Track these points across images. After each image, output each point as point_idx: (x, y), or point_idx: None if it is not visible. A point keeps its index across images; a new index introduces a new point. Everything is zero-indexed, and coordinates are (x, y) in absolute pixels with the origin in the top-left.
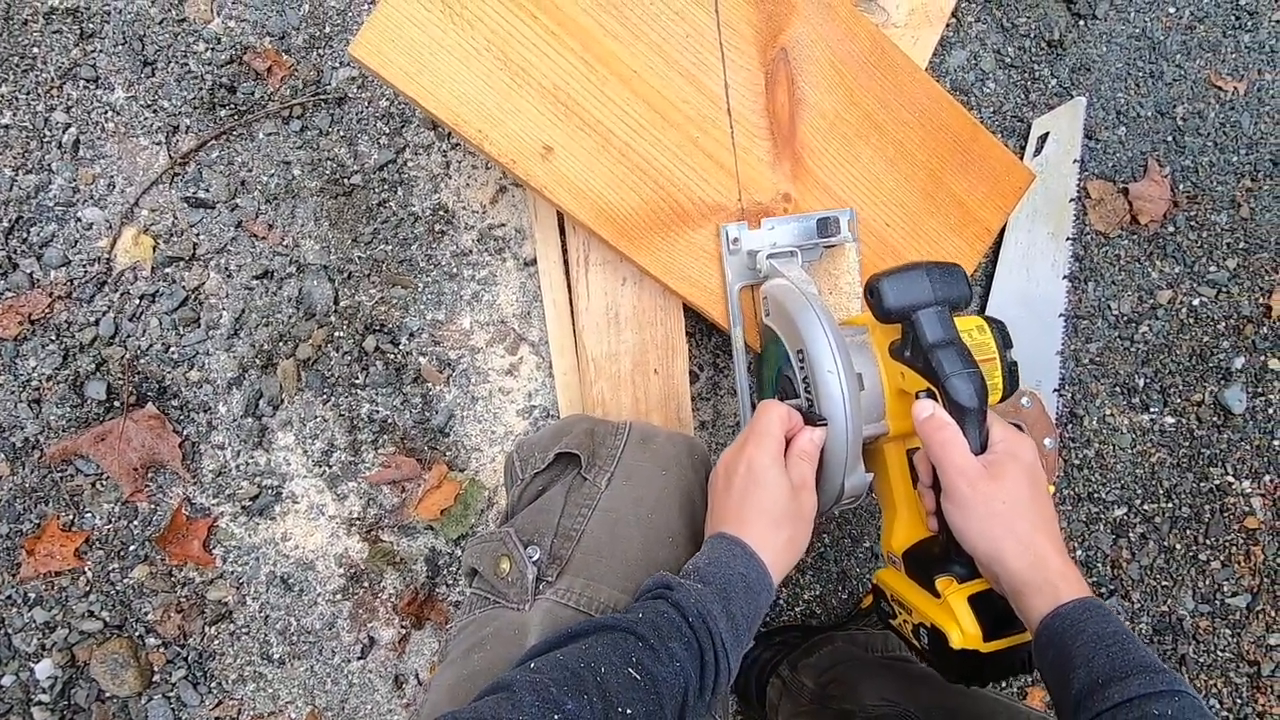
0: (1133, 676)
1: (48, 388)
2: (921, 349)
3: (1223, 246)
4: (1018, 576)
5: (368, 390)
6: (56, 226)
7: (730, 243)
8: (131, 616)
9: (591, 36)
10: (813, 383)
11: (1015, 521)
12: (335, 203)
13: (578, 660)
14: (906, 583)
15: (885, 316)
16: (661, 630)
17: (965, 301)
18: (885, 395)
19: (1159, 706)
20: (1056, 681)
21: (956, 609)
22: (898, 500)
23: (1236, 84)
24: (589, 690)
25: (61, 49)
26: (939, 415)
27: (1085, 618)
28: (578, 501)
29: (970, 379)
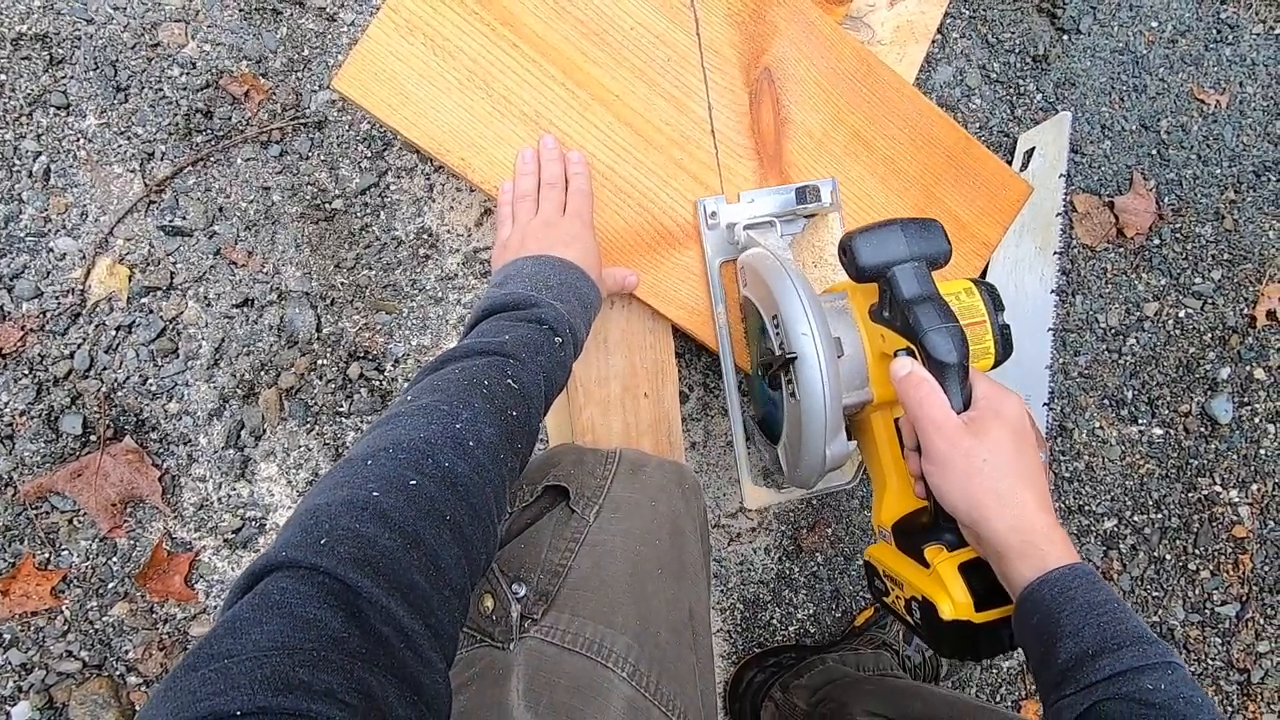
0: (1125, 648)
1: (21, 423)
2: (898, 306)
3: (1207, 258)
4: (1000, 539)
5: (352, 418)
6: (28, 258)
7: (708, 217)
8: (112, 655)
9: (572, 63)
10: (789, 348)
11: (998, 480)
12: (316, 228)
13: (468, 376)
14: (897, 556)
15: (860, 275)
16: (531, 347)
17: (944, 257)
18: (868, 361)
19: (1152, 679)
20: (1040, 652)
21: (946, 578)
22: (886, 471)
23: (1219, 97)
24: (482, 397)
25: (30, 75)
26: (917, 372)
27: (1075, 585)
28: (565, 536)
29: (949, 333)
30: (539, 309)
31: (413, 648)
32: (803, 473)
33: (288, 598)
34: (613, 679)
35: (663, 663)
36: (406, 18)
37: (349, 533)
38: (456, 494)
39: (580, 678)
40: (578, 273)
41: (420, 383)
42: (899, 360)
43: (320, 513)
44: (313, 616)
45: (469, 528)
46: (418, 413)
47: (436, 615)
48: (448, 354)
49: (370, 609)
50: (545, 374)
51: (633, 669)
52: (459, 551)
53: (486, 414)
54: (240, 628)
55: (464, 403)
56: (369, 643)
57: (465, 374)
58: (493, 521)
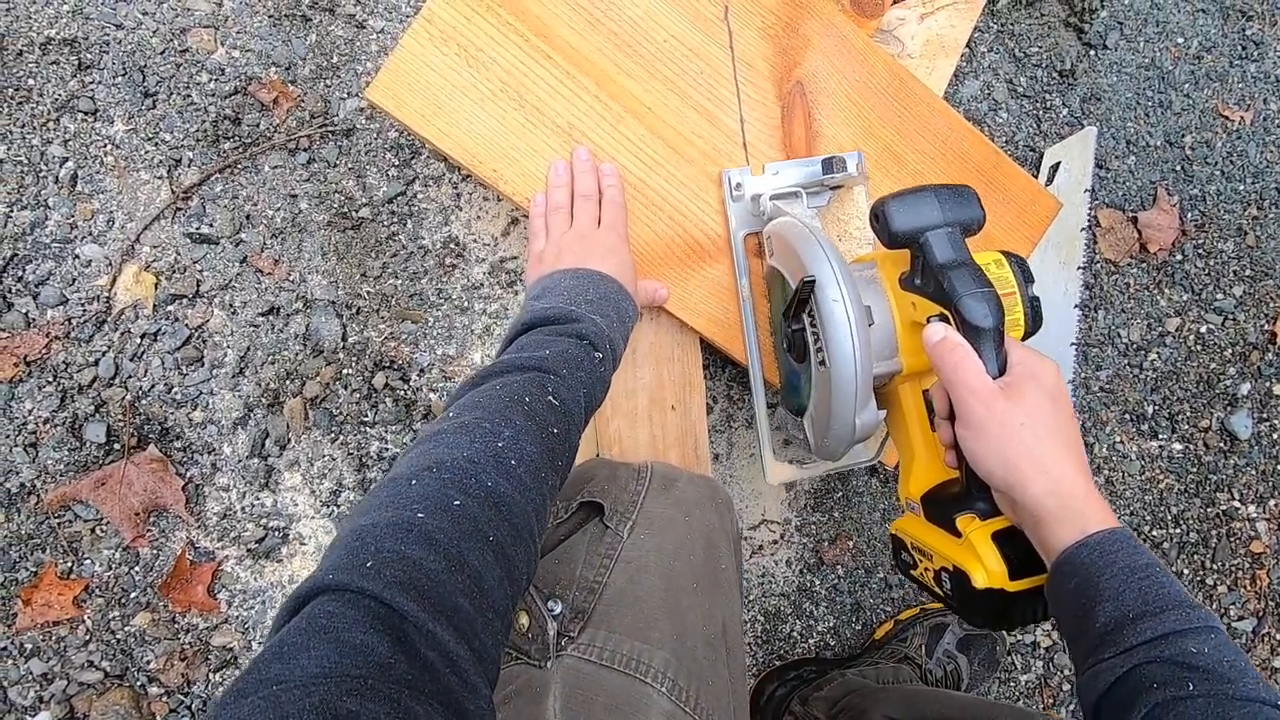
0: (1167, 611)
1: (45, 431)
2: (932, 271)
3: (1229, 274)
4: (1038, 503)
5: (377, 428)
6: (53, 264)
7: (733, 188)
8: (133, 666)
9: (606, 75)
10: (818, 316)
11: (1036, 443)
12: (343, 236)
13: (510, 393)
14: (926, 527)
15: (892, 240)
16: (572, 363)
17: (977, 224)
18: (897, 330)
19: (1195, 643)
20: (1076, 616)
21: (979, 546)
22: (914, 443)
23: (1243, 114)
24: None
25: (58, 80)
26: (951, 337)
27: (1115, 549)
28: (600, 552)
29: (985, 298)
30: (579, 324)
31: (458, 673)
32: (831, 443)
33: (334, 622)
34: (652, 694)
35: (700, 677)
36: (441, 28)
37: (395, 555)
38: (500, 514)
39: (618, 694)
40: (615, 286)
41: (461, 398)
42: (933, 326)
43: (366, 535)
44: (359, 642)
45: (511, 548)
46: (460, 430)
47: (480, 638)
48: (488, 369)
49: (416, 634)
50: (586, 390)
51: (672, 684)
52: (502, 573)
53: (528, 431)
54: (288, 652)
55: (506, 420)
56: (415, 669)
57: (507, 390)
58: (534, 541)
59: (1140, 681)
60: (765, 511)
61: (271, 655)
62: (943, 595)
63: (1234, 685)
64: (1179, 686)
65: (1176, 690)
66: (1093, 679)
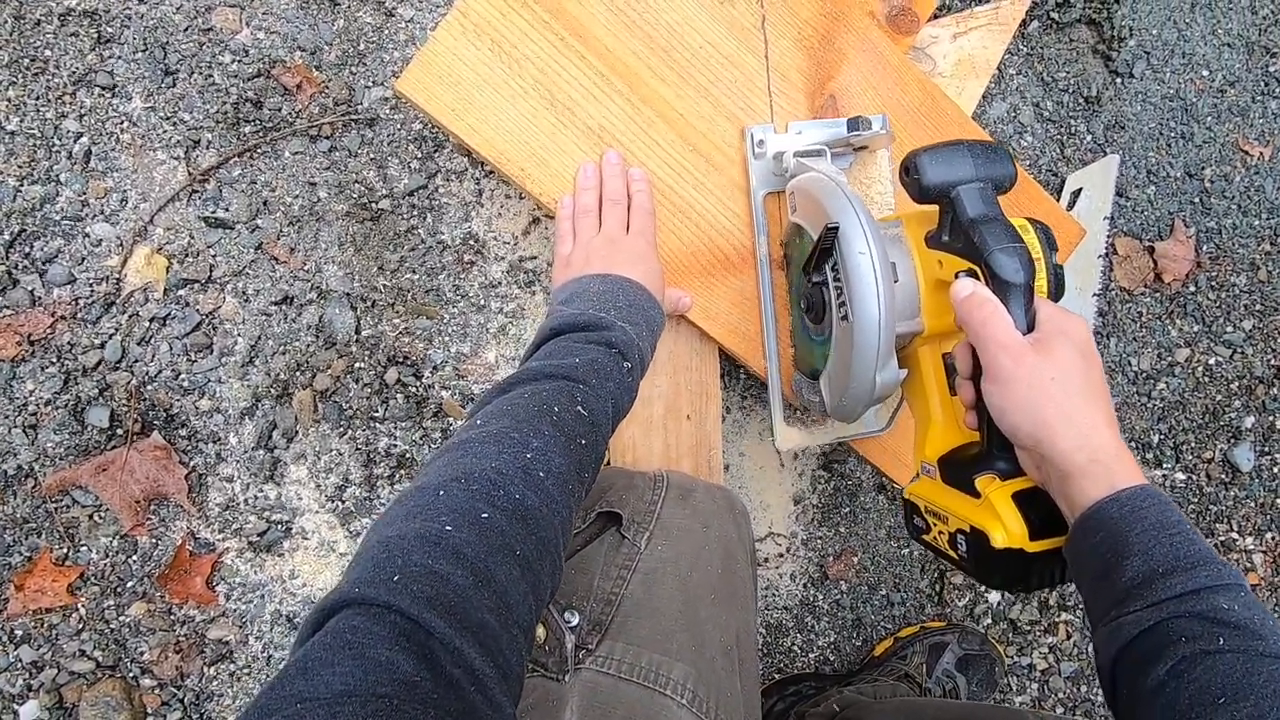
0: (1199, 567)
1: (45, 413)
2: (961, 226)
3: (1240, 308)
4: (1066, 458)
5: (387, 424)
6: (63, 242)
7: (755, 145)
8: (126, 656)
9: (639, 78)
10: (843, 269)
11: (1065, 398)
12: (361, 227)
13: (539, 402)
14: (942, 489)
15: (923, 194)
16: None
17: (1009, 181)
18: (920, 290)
19: (1226, 599)
20: (1100, 570)
21: (999, 506)
22: (932, 407)
23: (1263, 149)
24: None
25: (76, 53)
26: (980, 292)
27: (1146, 505)
28: (618, 563)
29: (1016, 253)
30: (609, 331)
31: (483, 691)
32: (848, 403)
33: (359, 637)
34: (671, 706)
35: (719, 688)
36: (475, 21)
37: (422, 569)
38: (526, 527)
39: (637, 707)
40: (644, 294)
41: (490, 405)
42: (961, 281)
43: (393, 547)
44: (385, 659)
45: (537, 562)
46: (488, 440)
47: (505, 655)
48: (517, 376)
49: (442, 650)
50: (614, 400)
51: (692, 695)
52: (527, 587)
53: (556, 442)
54: (313, 668)
55: (534, 430)
56: (440, 687)
57: (535, 399)
58: (559, 554)
59: (1168, 634)
60: (772, 524)
61: (296, 671)
62: (957, 558)
63: (1264, 642)
64: (1209, 640)
65: (1207, 644)
66: (1114, 632)
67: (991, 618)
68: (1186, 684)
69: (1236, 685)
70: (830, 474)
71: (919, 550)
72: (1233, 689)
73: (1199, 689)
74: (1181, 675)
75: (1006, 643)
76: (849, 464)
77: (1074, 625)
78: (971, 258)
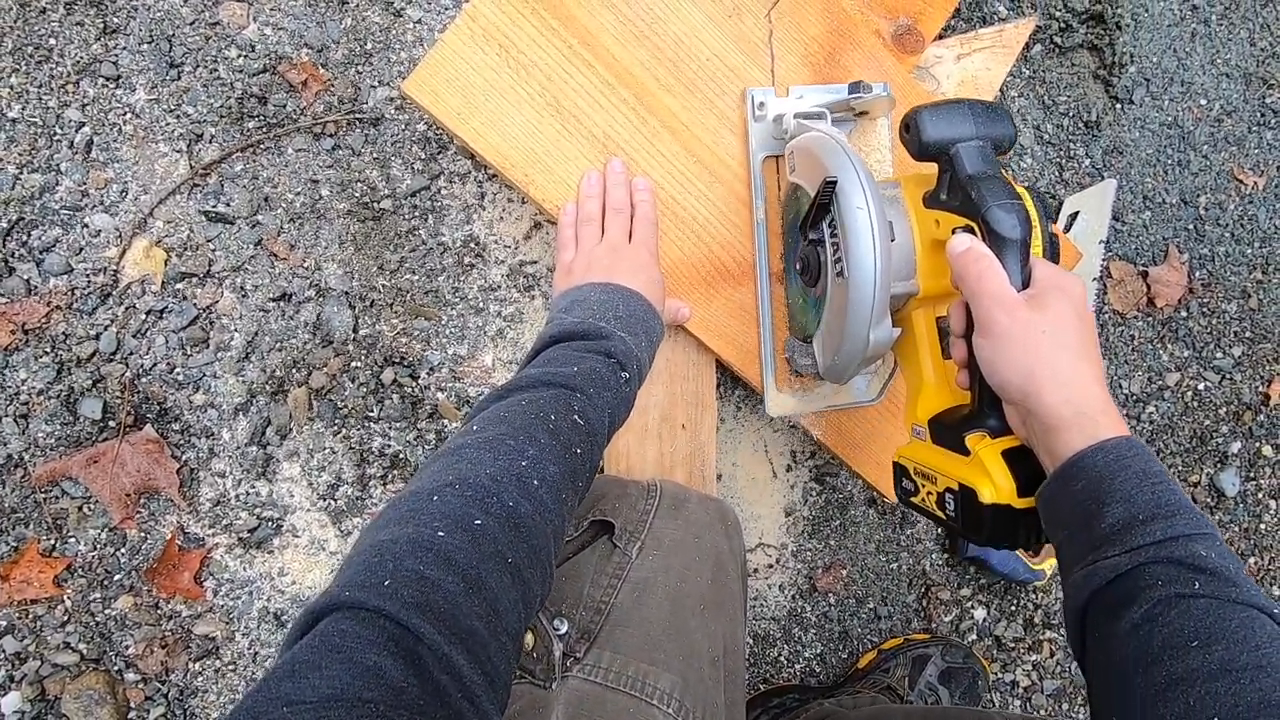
0: (1177, 515)
1: (37, 403)
2: (960, 182)
3: (1230, 334)
4: (1053, 412)
5: (381, 423)
6: (61, 231)
7: (756, 107)
8: (111, 650)
9: (646, 89)
10: (840, 225)
11: (1057, 353)
12: (362, 226)
13: (535, 409)
14: (932, 450)
15: (922, 151)
16: (598, 383)
17: (1009, 142)
18: (916, 251)
19: (1204, 547)
20: (1078, 517)
21: (988, 463)
22: (924, 369)
23: (1257, 179)
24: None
25: (81, 42)
26: (976, 247)
27: (1131, 454)
28: (608, 571)
29: (1014, 209)
30: (608, 341)
31: (470, 698)
32: (841, 361)
33: (348, 641)
34: (657, 716)
35: (706, 699)
36: (484, 26)
37: (413, 575)
38: (519, 535)
39: (623, 716)
40: (645, 304)
41: (486, 410)
42: (958, 237)
43: (385, 551)
44: (372, 664)
45: (528, 570)
46: (484, 446)
47: (494, 662)
48: (514, 382)
49: (430, 656)
50: (610, 410)
51: (678, 705)
52: (517, 595)
53: (551, 450)
54: (300, 671)
55: (530, 438)
56: (427, 694)
57: (532, 406)
58: (550, 562)
59: (1145, 578)
60: (763, 535)
61: (283, 673)
62: (945, 519)
63: (1238, 589)
64: (1185, 585)
65: (1182, 588)
66: (1089, 576)
67: (976, 633)
68: (1160, 627)
69: (1209, 630)
70: (822, 486)
71: (907, 565)
72: (1205, 633)
73: (1172, 632)
74: (1155, 619)
75: (991, 659)
76: (840, 477)
77: (1057, 643)
78: (969, 214)
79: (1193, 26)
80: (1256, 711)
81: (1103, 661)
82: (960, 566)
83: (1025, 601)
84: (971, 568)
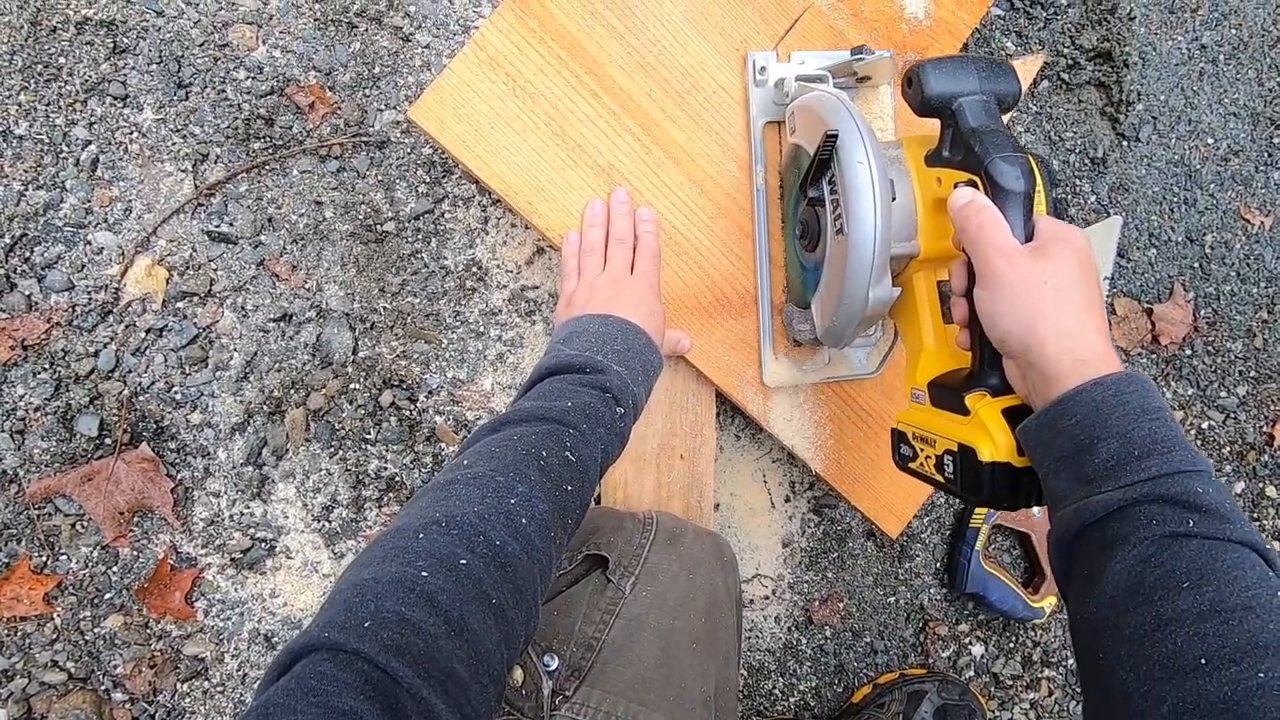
0: (1174, 451)
1: (34, 419)
2: (963, 137)
3: (1235, 373)
4: (1052, 362)
5: (378, 446)
6: (64, 248)
7: (757, 72)
8: (99, 669)
9: (651, 119)
10: (840, 179)
11: (1058, 303)
12: (365, 249)
13: (526, 445)
14: (931, 412)
15: (924, 105)
16: (592, 418)
17: (1013, 98)
18: (918, 212)
19: (1200, 484)
20: (1069, 452)
21: (989, 421)
22: (924, 334)
23: (1264, 218)
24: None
25: (91, 61)
26: (978, 199)
27: (1130, 389)
28: (601, 607)
29: (1016, 161)
30: (604, 375)
31: None
32: (839, 322)
33: (325, 684)
34: None
35: None
36: (491, 55)
37: (394, 616)
38: (504, 575)
39: None
40: (644, 338)
41: (478, 444)
42: (960, 190)
43: (366, 590)
44: (349, 708)
45: (512, 610)
46: (473, 482)
47: (473, 705)
48: (507, 416)
49: (408, 700)
50: (603, 446)
51: None
52: (500, 636)
53: (541, 488)
54: (274, 714)
55: (520, 475)
56: None
57: (523, 442)
58: (536, 603)
59: (1138, 518)
60: (760, 566)
61: (257, 716)
62: (944, 482)
63: (1231, 526)
64: (1179, 523)
65: (1176, 526)
66: (1079, 512)
67: (974, 670)
68: (1153, 568)
69: (1200, 570)
70: (820, 518)
71: (905, 599)
72: (1196, 573)
73: (1164, 573)
74: (1148, 560)
75: (989, 696)
76: (839, 509)
77: (1056, 682)
78: (971, 168)
79: (1200, 65)
80: (1244, 652)
81: (1090, 599)
82: (959, 602)
83: (1024, 639)
84: (970, 603)
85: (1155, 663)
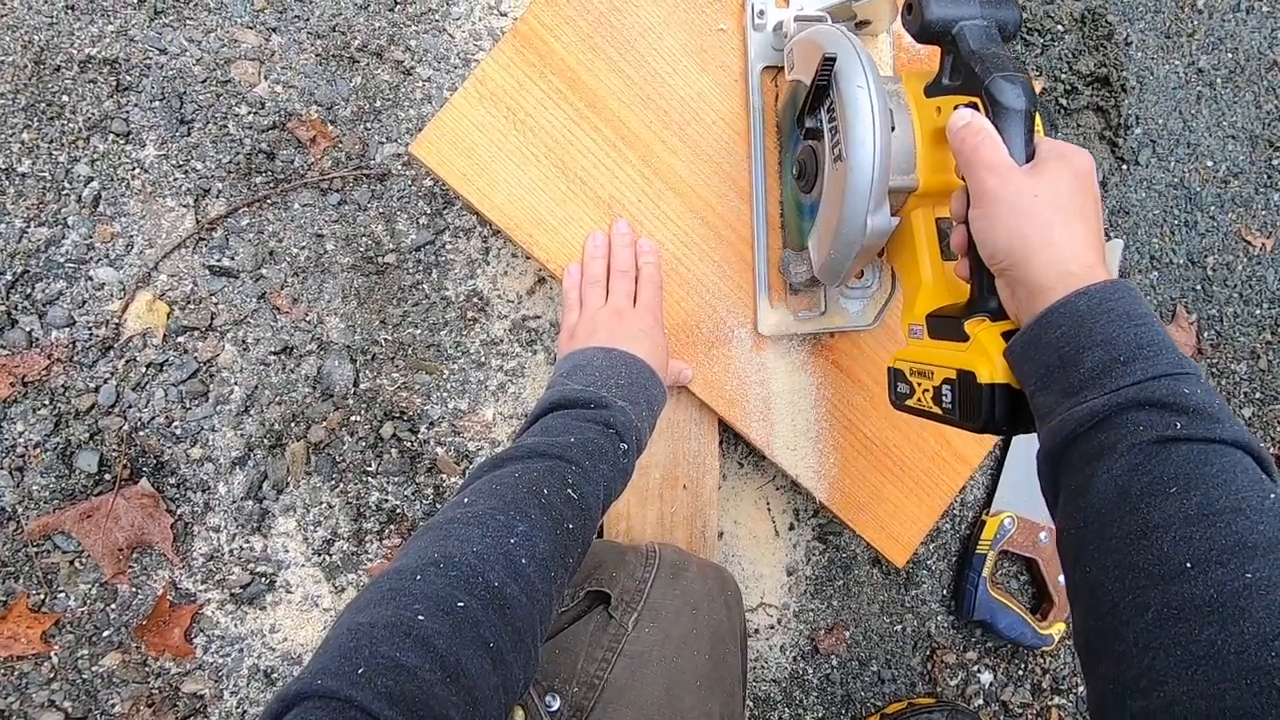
0: (1161, 354)
1: (34, 455)
2: (962, 59)
3: (1240, 395)
4: (1039, 274)
5: (379, 478)
6: (65, 284)
7: (755, 15)
8: (97, 708)
9: (652, 151)
10: (838, 104)
11: (1048, 216)
12: (366, 281)
13: (528, 483)
14: (929, 344)
15: (923, 30)
16: (595, 454)
17: (1014, 25)
18: (917, 145)
19: (1188, 386)
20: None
21: (987, 343)
22: (923, 270)
23: (1265, 240)
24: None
25: (94, 99)
26: (976, 120)
27: (1116, 296)
28: (603, 644)
29: (1018, 80)
30: (608, 410)
31: None
32: (837, 255)
33: None
34: None
35: None
36: (492, 90)
37: (388, 662)
38: (503, 617)
39: None
40: (647, 372)
41: (479, 480)
42: (959, 111)
43: (361, 635)
44: None
45: (510, 653)
46: (472, 521)
47: None
48: (509, 452)
49: None
50: (606, 483)
51: None
52: (497, 681)
53: (543, 527)
54: None
55: (521, 514)
56: None
57: (525, 479)
58: (536, 644)
59: (1126, 423)
60: (764, 595)
61: None
62: (943, 412)
63: (1220, 425)
64: (1166, 427)
65: (1163, 430)
66: (1065, 422)
67: (983, 698)
68: (1140, 475)
69: (1188, 474)
70: (825, 545)
71: (912, 626)
72: (1184, 478)
73: (1152, 480)
74: (1136, 468)
75: None
76: (844, 536)
77: (1066, 709)
78: (971, 90)
79: (1198, 89)
80: (1231, 554)
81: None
82: (966, 629)
83: (1033, 666)
84: (978, 631)
85: (1140, 570)
